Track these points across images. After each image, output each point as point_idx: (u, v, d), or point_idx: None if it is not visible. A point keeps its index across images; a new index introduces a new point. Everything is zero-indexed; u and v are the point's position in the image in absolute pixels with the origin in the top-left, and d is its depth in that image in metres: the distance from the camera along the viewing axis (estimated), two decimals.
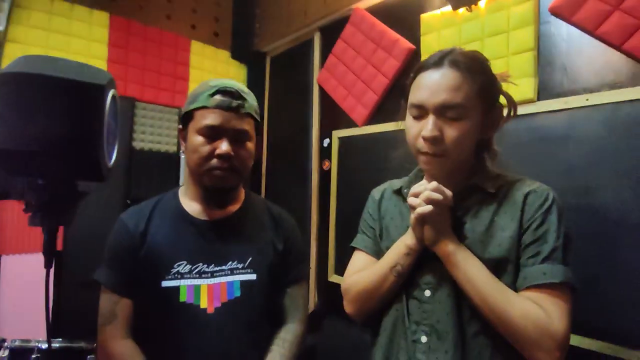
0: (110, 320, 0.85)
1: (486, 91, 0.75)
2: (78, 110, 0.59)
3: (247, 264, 0.89)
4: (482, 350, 0.73)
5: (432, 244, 0.75)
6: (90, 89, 0.59)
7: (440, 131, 0.74)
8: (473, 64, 0.75)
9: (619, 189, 1.23)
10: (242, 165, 0.89)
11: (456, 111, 0.73)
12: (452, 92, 0.72)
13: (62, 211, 0.63)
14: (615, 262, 1.22)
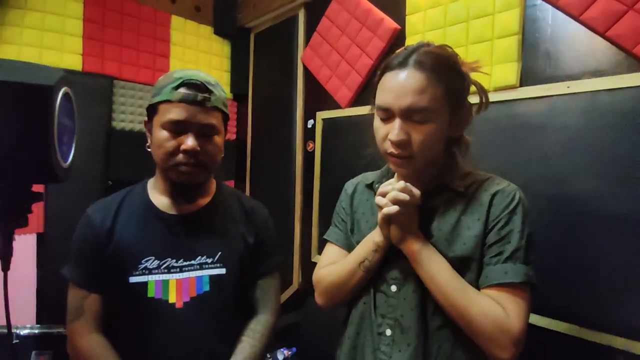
0: (78, 316, 0.85)
1: (453, 90, 0.74)
2: (25, 113, 0.56)
3: (217, 258, 0.89)
4: (444, 343, 0.75)
5: (398, 242, 0.76)
6: (37, 91, 0.56)
7: (407, 134, 0.73)
8: (438, 63, 0.73)
9: (595, 178, 1.24)
10: (210, 160, 0.87)
11: (422, 115, 0.72)
12: (417, 95, 0.71)
13: (17, 215, 0.62)
14: (588, 250, 1.25)
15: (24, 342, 1.19)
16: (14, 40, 1.96)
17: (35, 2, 2.00)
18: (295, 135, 2.43)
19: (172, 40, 2.53)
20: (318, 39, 2.23)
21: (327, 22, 2.17)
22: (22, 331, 1.19)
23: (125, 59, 2.32)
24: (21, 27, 1.97)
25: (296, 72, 2.42)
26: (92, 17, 2.19)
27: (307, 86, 2.38)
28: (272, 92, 2.65)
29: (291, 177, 2.46)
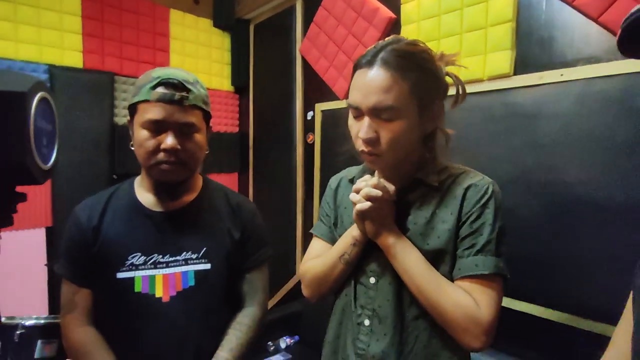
0: (70, 309, 0.89)
1: (420, 88, 0.73)
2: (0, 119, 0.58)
3: (202, 254, 0.91)
4: (420, 333, 0.77)
5: (373, 237, 0.77)
6: (10, 97, 0.58)
7: (375, 132, 0.73)
8: (405, 61, 0.72)
9: (587, 166, 1.23)
10: (190, 158, 0.87)
11: (389, 113, 0.71)
12: (382, 94, 0.71)
13: (1, 215, 0.65)
14: (579, 238, 1.24)
15: (30, 332, 1.24)
16: (7, 35, 1.96)
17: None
18: (295, 127, 2.44)
19: (172, 35, 2.55)
20: (315, 30, 2.22)
21: (323, 12, 2.16)
22: (28, 322, 1.24)
23: (125, 55, 2.34)
24: (15, 23, 1.97)
25: (295, 63, 2.41)
26: (91, 14, 2.21)
27: (306, 78, 2.38)
28: (273, 84, 2.66)
29: (292, 170, 2.47)
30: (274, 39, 2.61)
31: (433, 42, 1.65)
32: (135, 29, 2.38)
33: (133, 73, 2.38)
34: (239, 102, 2.92)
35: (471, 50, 1.53)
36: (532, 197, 1.35)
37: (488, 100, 1.48)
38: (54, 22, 2.09)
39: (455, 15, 1.57)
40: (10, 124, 0.60)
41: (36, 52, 2.05)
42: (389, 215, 0.76)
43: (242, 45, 2.81)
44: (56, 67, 2.11)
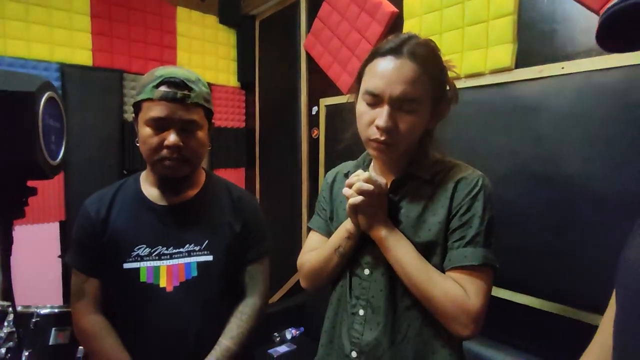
0: (80, 297, 0.93)
1: (437, 83, 0.75)
2: (10, 118, 0.62)
3: (204, 246, 0.95)
4: (412, 322, 0.79)
5: (366, 229, 0.79)
6: (17, 97, 0.62)
7: (394, 122, 0.74)
8: (429, 56, 0.74)
9: (586, 159, 1.23)
10: (193, 155, 0.91)
11: (411, 105, 0.73)
12: (410, 85, 0.72)
13: (13, 207, 0.69)
14: (578, 230, 1.25)
15: (45, 320, 1.29)
16: (20, 35, 2.01)
17: None
18: (300, 122, 2.47)
19: (179, 32, 2.58)
20: (319, 25, 2.23)
21: (327, 7, 2.17)
22: (42, 310, 1.29)
23: (133, 53, 2.39)
24: (27, 22, 2.03)
25: (300, 59, 2.43)
26: (99, 13, 2.26)
27: (311, 73, 2.40)
28: (278, 80, 2.68)
29: (298, 164, 2.50)
30: (279, 35, 2.63)
31: (435, 36, 1.65)
32: (143, 27, 2.42)
33: (141, 70, 2.42)
34: (245, 97, 2.96)
35: (473, 44, 1.53)
36: (532, 189, 1.35)
37: (489, 94, 1.49)
38: (64, 22, 2.15)
39: (457, 9, 1.57)
40: (20, 122, 0.64)
41: (48, 51, 2.11)
42: (381, 208, 0.78)
43: (247, 42, 2.84)
44: (67, 66, 2.16)
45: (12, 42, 2.01)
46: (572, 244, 1.26)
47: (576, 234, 1.25)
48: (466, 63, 1.55)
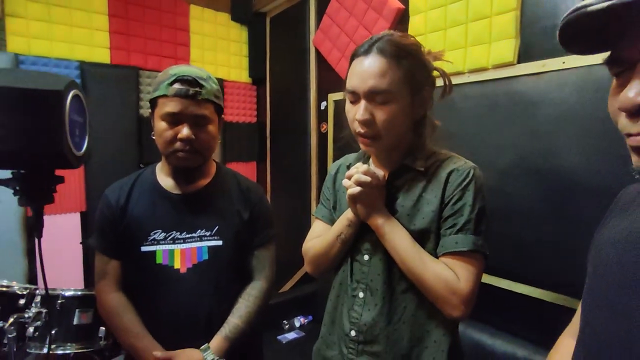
0: (102, 277, 1.02)
1: (412, 75, 0.79)
2: (38, 114, 0.70)
3: (214, 231, 1.02)
4: (408, 304, 0.85)
5: (365, 218, 0.85)
6: (47, 95, 0.69)
7: (371, 114, 0.80)
8: (399, 51, 0.79)
9: (584, 152, 1.26)
10: (204, 147, 0.98)
11: (383, 96, 0.78)
12: (378, 78, 0.78)
13: (44, 193, 0.77)
14: (576, 222, 1.28)
15: (69, 301, 1.39)
16: (42, 35, 2.12)
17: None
18: (309, 117, 2.52)
19: (192, 29, 2.66)
20: (328, 22, 2.28)
21: (335, 4, 2.21)
22: (67, 293, 1.39)
23: (149, 50, 2.48)
24: (49, 23, 2.14)
25: (309, 55, 2.48)
26: (117, 12, 2.35)
27: (319, 69, 2.45)
28: (288, 75, 2.74)
29: (307, 158, 2.56)
30: (289, 31, 2.68)
31: (440, 32, 1.68)
32: (157, 25, 2.50)
33: (156, 67, 2.51)
34: (256, 93, 3.02)
35: (476, 39, 1.56)
36: (532, 182, 1.38)
37: (492, 88, 1.52)
38: (83, 21, 2.24)
39: (461, 5, 1.60)
40: (50, 117, 0.71)
41: (68, 50, 2.21)
42: (378, 198, 0.84)
43: (258, 38, 2.90)
44: (86, 63, 2.26)
45: (36, 41, 2.11)
46: (568, 235, 1.29)
47: (573, 226, 1.28)
48: (470, 58, 1.58)
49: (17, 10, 2.06)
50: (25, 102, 0.69)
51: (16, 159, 0.71)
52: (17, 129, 0.69)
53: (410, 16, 1.81)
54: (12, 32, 2.06)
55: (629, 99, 0.40)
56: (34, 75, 0.71)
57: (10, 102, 0.68)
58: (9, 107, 0.68)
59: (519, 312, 1.47)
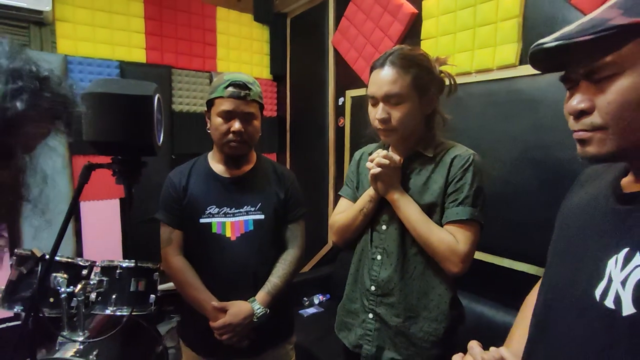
0: (168, 243, 1.24)
1: (418, 80, 0.99)
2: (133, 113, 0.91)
3: (257, 207, 1.24)
4: (418, 265, 1.05)
5: (383, 194, 1.05)
6: (142, 99, 0.91)
7: (388, 114, 1.00)
8: (406, 62, 0.99)
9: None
10: (250, 138, 1.21)
11: (396, 98, 0.99)
12: (391, 85, 0.99)
13: (134, 174, 0.98)
14: None
15: (126, 272, 1.62)
16: (87, 37, 2.36)
17: (103, 3, 2.38)
18: (327, 111, 2.71)
19: (218, 30, 2.86)
20: (346, 23, 2.46)
21: (353, 7, 2.39)
22: (124, 264, 1.62)
23: (180, 50, 2.69)
24: (92, 26, 2.37)
25: (327, 54, 2.67)
26: (152, 15, 2.56)
27: (337, 67, 2.63)
28: (307, 73, 2.93)
29: (325, 150, 2.76)
30: (309, 32, 2.87)
31: (450, 35, 1.85)
32: (187, 26, 2.71)
33: (186, 66, 2.72)
34: (277, 89, 3.22)
35: (483, 43, 1.72)
36: (531, 171, 1.56)
37: (496, 87, 1.69)
38: (122, 24, 2.46)
39: (470, 11, 1.77)
40: (142, 116, 0.93)
41: (109, 51, 2.44)
42: (395, 178, 1.04)
43: (280, 37, 3.09)
44: (125, 63, 2.49)
45: (82, 43, 2.34)
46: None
47: None
48: (477, 60, 1.75)
49: (65, 15, 2.28)
50: (127, 104, 0.90)
51: (118, 147, 0.94)
52: (120, 125, 0.91)
53: (423, 20, 1.98)
54: (61, 35, 2.29)
55: (572, 106, 0.59)
56: (130, 83, 0.93)
57: (117, 105, 0.90)
58: (116, 109, 0.90)
59: (520, 287, 1.65)
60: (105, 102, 0.88)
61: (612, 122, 0.53)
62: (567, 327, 0.58)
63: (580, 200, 0.69)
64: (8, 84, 0.45)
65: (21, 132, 0.47)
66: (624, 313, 0.49)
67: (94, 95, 0.88)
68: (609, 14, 0.53)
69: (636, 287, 0.48)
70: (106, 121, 0.88)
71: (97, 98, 0.88)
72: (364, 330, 1.12)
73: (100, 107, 0.88)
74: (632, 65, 0.50)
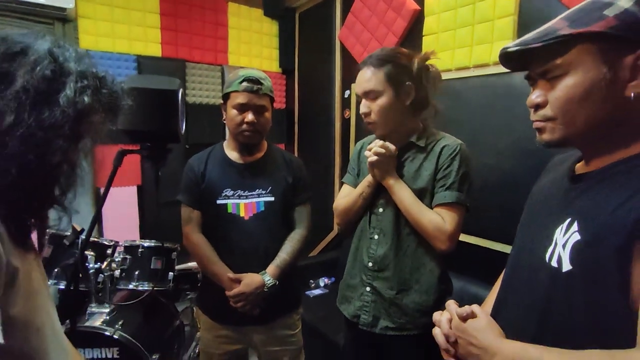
0: (188, 222, 1.38)
1: (391, 75, 1.11)
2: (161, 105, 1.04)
3: (268, 190, 1.38)
4: (411, 243, 1.17)
5: (380, 180, 1.17)
6: (169, 93, 1.04)
7: (368, 108, 1.14)
8: (380, 60, 1.11)
9: None
10: (262, 128, 1.34)
11: (373, 94, 1.12)
12: (367, 82, 1.13)
13: (160, 159, 1.12)
14: None
15: (147, 250, 1.78)
16: (107, 33, 2.50)
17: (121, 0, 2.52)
18: (334, 104, 2.83)
19: (230, 25, 2.98)
20: (352, 19, 2.56)
21: (359, 4, 2.49)
22: (146, 244, 1.78)
23: (194, 44, 2.81)
24: (112, 22, 2.51)
25: (334, 49, 2.77)
26: (167, 11, 2.68)
27: (344, 61, 2.74)
28: (315, 66, 3.03)
29: (331, 141, 2.88)
30: (317, 27, 2.97)
31: (450, 32, 1.95)
32: (201, 21, 2.83)
33: (200, 59, 2.85)
34: (285, 82, 3.34)
35: (481, 39, 1.82)
36: (526, 160, 1.66)
37: (493, 81, 1.79)
38: (139, 20, 2.59)
39: (469, 9, 1.86)
40: (169, 107, 1.06)
41: (127, 46, 2.57)
42: (391, 165, 1.16)
43: (288, 32, 3.19)
44: (142, 57, 2.62)
45: (102, 39, 2.48)
46: None
47: None
48: (475, 55, 1.85)
49: (87, 12, 2.42)
50: (156, 98, 1.04)
51: (147, 135, 1.07)
52: (149, 116, 1.05)
53: (425, 17, 2.07)
54: (83, 31, 2.43)
55: (531, 100, 0.70)
56: (157, 79, 1.07)
57: (147, 98, 1.03)
58: (146, 102, 1.03)
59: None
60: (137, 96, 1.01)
61: (559, 114, 0.65)
62: (524, 285, 0.70)
63: (545, 183, 0.81)
64: (77, 83, 0.58)
65: (88, 121, 0.60)
66: (564, 269, 0.61)
67: (128, 90, 1.02)
68: (559, 25, 0.64)
69: (572, 248, 0.60)
70: (138, 112, 1.02)
71: (130, 92, 1.01)
72: (362, 302, 1.25)
73: (133, 100, 1.02)
74: (575, 67, 0.62)
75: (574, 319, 0.59)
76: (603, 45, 0.59)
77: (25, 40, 0.56)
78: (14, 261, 0.53)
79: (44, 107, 0.55)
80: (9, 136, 0.53)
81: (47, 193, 0.60)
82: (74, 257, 1.52)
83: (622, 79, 0.59)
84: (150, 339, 1.70)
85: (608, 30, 0.58)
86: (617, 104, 0.59)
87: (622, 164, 0.60)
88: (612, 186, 0.59)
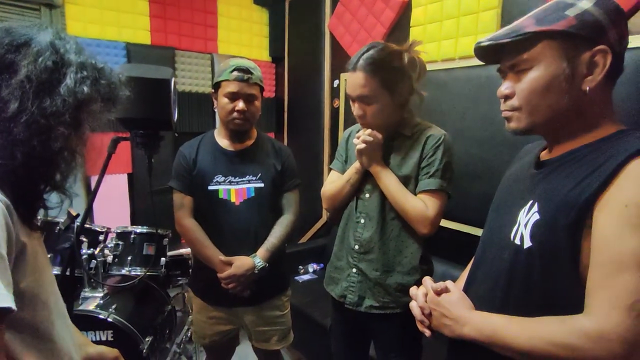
0: (180, 207, 1.42)
1: (386, 80, 1.14)
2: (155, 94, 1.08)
3: (258, 177, 1.42)
4: (395, 227, 1.23)
5: (367, 167, 1.23)
6: (163, 82, 1.07)
7: (363, 111, 1.18)
8: (374, 66, 1.13)
9: None
10: (252, 116, 1.38)
11: (367, 99, 1.16)
12: (360, 88, 1.15)
13: (153, 146, 1.16)
14: None
15: (140, 237, 1.82)
16: (95, 20, 2.48)
17: None
18: (323, 93, 2.86)
19: (219, 12, 2.97)
20: (341, 9, 2.58)
21: None
22: (138, 229, 1.82)
23: (183, 32, 2.81)
24: (100, 9, 2.49)
25: (324, 38, 2.80)
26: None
27: (333, 50, 2.76)
28: (304, 55, 3.05)
29: (320, 130, 2.92)
30: (306, 15, 2.98)
31: (436, 23, 2.00)
32: (190, 9, 2.82)
33: (189, 47, 2.85)
34: (275, 70, 3.35)
35: (466, 31, 1.87)
36: (507, 149, 1.73)
37: (477, 72, 1.85)
38: (128, 7, 2.58)
39: (455, 2, 1.91)
40: (162, 96, 1.10)
41: (116, 33, 2.56)
42: (378, 153, 1.21)
43: (278, 21, 3.20)
44: (131, 44, 2.61)
45: (90, 25, 2.47)
46: None
47: None
48: (460, 47, 1.90)
49: None
50: (150, 86, 1.07)
51: (141, 122, 1.11)
52: (144, 104, 1.08)
53: (413, 8, 2.11)
54: (71, 17, 2.41)
55: (500, 91, 0.76)
56: (150, 68, 1.10)
57: (141, 86, 1.06)
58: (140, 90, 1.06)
59: None
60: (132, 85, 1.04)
61: (524, 104, 0.70)
62: (491, 262, 0.77)
63: (514, 170, 0.87)
64: (77, 74, 0.62)
65: (87, 109, 0.64)
66: (525, 246, 0.67)
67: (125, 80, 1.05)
68: (526, 23, 0.70)
69: (532, 226, 0.66)
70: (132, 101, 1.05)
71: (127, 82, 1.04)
72: (348, 283, 1.32)
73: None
74: (539, 62, 0.67)
75: (532, 290, 0.66)
76: (564, 43, 0.65)
77: (28, 32, 0.59)
78: (22, 237, 0.58)
79: (46, 96, 0.59)
80: (14, 122, 0.57)
81: (50, 176, 0.64)
82: (70, 242, 1.55)
83: (579, 73, 0.65)
84: (143, 322, 1.75)
85: (568, 29, 0.64)
86: (575, 96, 0.66)
87: (577, 152, 0.67)
88: (567, 171, 0.66)
